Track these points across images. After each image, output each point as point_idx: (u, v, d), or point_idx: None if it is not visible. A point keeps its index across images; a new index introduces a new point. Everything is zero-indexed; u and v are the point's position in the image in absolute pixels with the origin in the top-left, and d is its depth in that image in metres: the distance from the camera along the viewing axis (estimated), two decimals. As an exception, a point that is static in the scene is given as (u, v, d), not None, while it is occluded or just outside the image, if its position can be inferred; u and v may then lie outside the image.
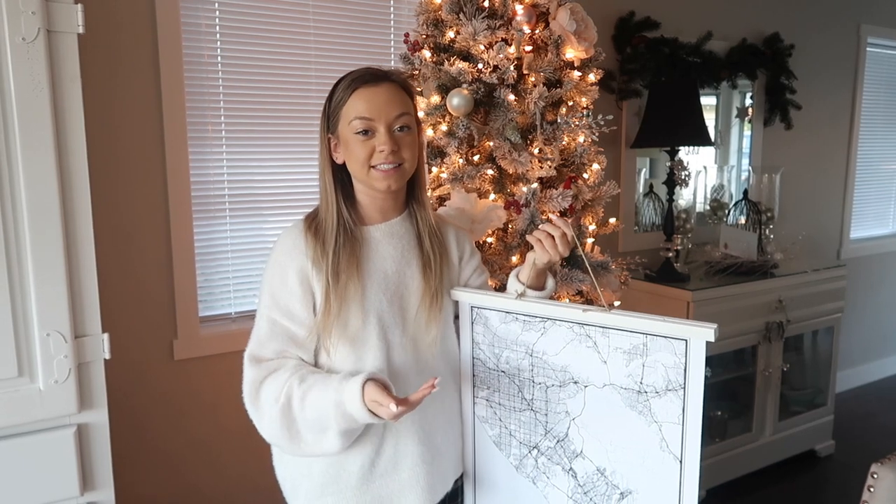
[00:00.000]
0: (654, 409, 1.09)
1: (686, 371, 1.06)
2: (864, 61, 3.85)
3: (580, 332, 1.16)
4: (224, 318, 2.22)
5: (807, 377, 3.26)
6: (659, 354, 1.08)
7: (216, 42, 2.11)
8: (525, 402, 1.24)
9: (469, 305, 1.29)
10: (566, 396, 1.19)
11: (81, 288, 1.29)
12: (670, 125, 2.66)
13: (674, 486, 1.09)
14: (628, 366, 1.11)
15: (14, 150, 1.20)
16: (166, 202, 2.04)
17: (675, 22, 2.97)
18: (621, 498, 1.15)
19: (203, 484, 2.19)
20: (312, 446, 1.17)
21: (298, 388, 1.14)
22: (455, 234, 1.36)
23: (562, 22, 1.73)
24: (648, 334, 1.09)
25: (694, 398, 1.05)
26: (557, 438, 1.21)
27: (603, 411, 1.15)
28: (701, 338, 1.04)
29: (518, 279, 1.28)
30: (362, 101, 1.18)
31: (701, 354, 1.05)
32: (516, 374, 1.24)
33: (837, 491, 2.93)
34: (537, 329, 1.21)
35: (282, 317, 1.19)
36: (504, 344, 1.25)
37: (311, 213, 1.26)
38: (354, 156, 1.19)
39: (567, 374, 1.18)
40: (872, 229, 4.19)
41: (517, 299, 1.24)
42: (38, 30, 1.19)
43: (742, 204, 3.15)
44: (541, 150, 1.72)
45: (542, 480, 1.24)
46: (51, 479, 1.29)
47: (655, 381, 1.09)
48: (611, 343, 1.13)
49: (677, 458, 1.08)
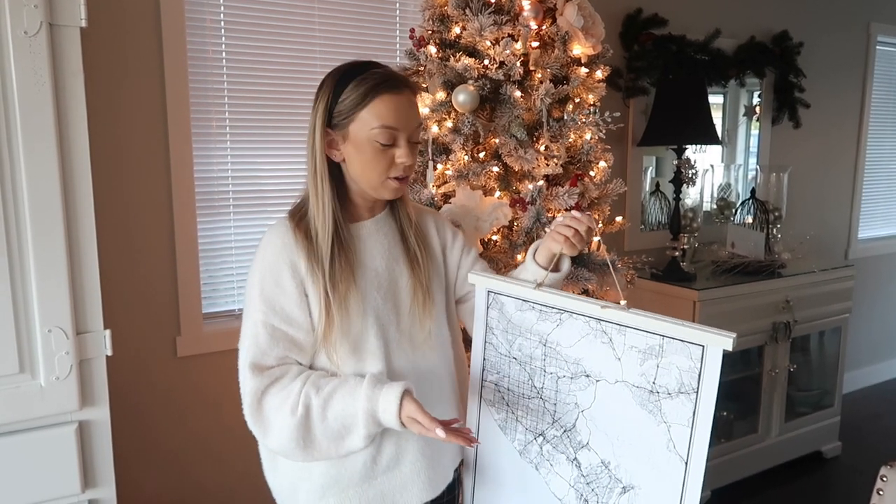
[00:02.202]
0: (665, 409, 1.09)
1: (700, 376, 1.06)
2: (873, 60, 3.82)
3: (596, 327, 1.16)
4: (227, 314, 2.21)
5: (813, 378, 3.23)
6: (674, 357, 1.08)
7: (221, 38, 2.10)
8: (535, 389, 1.24)
9: (486, 290, 1.28)
10: (577, 388, 1.19)
11: (83, 284, 1.29)
12: (677, 123, 2.64)
13: (677, 486, 1.09)
14: (642, 365, 1.11)
15: (16, 146, 1.19)
16: (170, 198, 2.03)
17: (683, 19, 2.95)
18: (623, 492, 1.15)
19: (206, 480, 2.19)
20: (325, 452, 1.15)
21: (317, 398, 1.12)
22: (434, 223, 1.34)
23: (569, 18, 1.71)
24: (665, 336, 1.08)
25: (706, 403, 1.05)
26: (564, 428, 1.21)
27: (613, 406, 1.15)
28: (718, 345, 1.04)
29: (536, 262, 1.25)
30: (390, 109, 1.13)
31: (717, 361, 1.04)
32: (528, 361, 1.24)
33: (843, 493, 2.91)
34: (553, 320, 1.20)
35: (281, 322, 1.16)
36: (518, 331, 1.24)
37: (294, 209, 1.22)
38: (371, 164, 1.15)
39: (580, 366, 1.18)
40: (881, 229, 4.15)
41: (536, 289, 1.22)
42: (41, 23, 1.18)
43: (749, 203, 3.12)
44: (547, 147, 1.71)
45: (545, 467, 1.25)
46: (51, 476, 1.28)
47: (668, 382, 1.08)
48: (626, 341, 1.12)
49: (683, 459, 1.08)
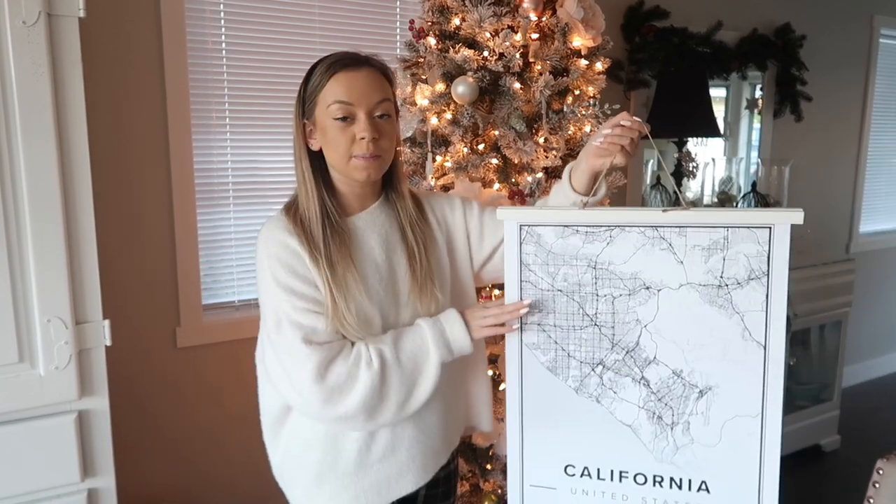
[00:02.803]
0: (736, 300, 1.11)
1: (770, 258, 1.08)
2: (876, 53, 3.80)
3: (653, 235, 1.14)
4: (227, 305, 2.22)
5: (813, 372, 3.23)
6: (741, 245, 1.09)
7: (220, 28, 2.10)
8: (587, 318, 1.20)
9: (517, 224, 1.20)
10: (636, 304, 1.17)
11: (82, 274, 1.29)
12: (679, 116, 2.63)
13: (758, 374, 1.12)
14: (707, 262, 1.12)
15: (14, 136, 1.19)
16: (170, 190, 2.03)
17: (685, 11, 2.93)
18: (700, 396, 1.16)
19: (207, 469, 2.20)
20: (395, 404, 1.14)
21: (386, 346, 1.14)
22: (430, 207, 1.31)
23: (569, 9, 1.70)
24: (730, 227, 1.10)
25: (779, 285, 1.08)
26: (626, 349, 1.19)
27: (679, 312, 1.15)
28: (786, 222, 1.07)
29: (573, 188, 1.21)
30: (342, 85, 1.14)
31: (785, 239, 1.07)
32: (576, 290, 1.19)
33: (842, 486, 2.92)
34: (602, 239, 1.17)
35: (307, 303, 1.14)
36: (562, 260, 1.19)
37: (288, 203, 1.22)
38: (333, 143, 1.15)
39: (637, 280, 1.16)
40: (882, 223, 4.14)
41: (582, 209, 1.18)
42: (39, 13, 1.18)
43: (750, 196, 3.11)
44: (546, 139, 1.70)
45: (607, 397, 1.21)
46: (51, 465, 1.29)
47: (737, 272, 1.10)
48: (688, 241, 1.12)
49: (761, 344, 1.11)
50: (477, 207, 1.33)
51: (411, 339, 1.16)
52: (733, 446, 1.16)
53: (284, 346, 1.13)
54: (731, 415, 1.15)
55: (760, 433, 1.16)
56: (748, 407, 1.15)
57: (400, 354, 1.14)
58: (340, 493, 1.21)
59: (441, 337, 1.16)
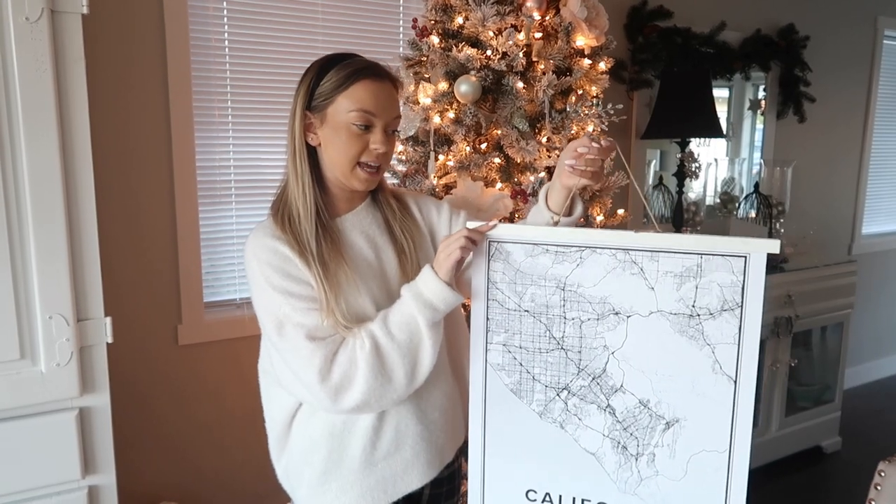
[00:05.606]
0: (707, 331, 1.07)
1: (745, 289, 1.04)
2: (880, 54, 3.79)
3: (624, 258, 1.10)
4: (229, 303, 2.22)
5: (815, 373, 3.23)
6: (715, 274, 1.06)
7: (223, 26, 2.10)
8: (554, 341, 1.17)
9: (486, 240, 1.16)
10: (604, 329, 1.14)
11: (84, 271, 1.29)
12: (681, 116, 2.63)
13: (727, 409, 1.08)
14: (679, 289, 1.08)
15: (17, 132, 1.19)
16: (172, 187, 2.03)
17: (689, 11, 2.93)
18: (666, 428, 1.12)
19: (207, 467, 2.20)
20: (404, 377, 1.13)
21: (375, 324, 1.14)
22: (416, 204, 1.33)
23: (573, 9, 1.70)
24: (704, 254, 1.06)
25: (752, 316, 1.04)
26: (593, 375, 1.16)
27: (648, 341, 1.11)
28: (763, 251, 1.02)
29: (549, 207, 1.20)
30: (369, 93, 1.15)
31: (761, 269, 1.03)
32: (543, 311, 1.17)
33: (843, 488, 2.91)
34: (572, 260, 1.14)
35: (304, 302, 1.14)
36: (529, 280, 1.16)
37: (275, 201, 1.22)
38: (343, 147, 1.16)
39: (607, 305, 1.13)
40: (885, 225, 4.14)
41: (555, 227, 1.16)
42: (42, 10, 1.18)
43: (753, 197, 3.11)
44: (549, 139, 1.70)
45: (571, 423, 1.18)
46: (52, 461, 1.29)
47: (709, 302, 1.06)
48: (660, 267, 1.09)
49: (731, 378, 1.07)
50: (464, 217, 1.33)
51: (398, 310, 1.15)
52: (699, 481, 1.12)
53: (289, 347, 1.13)
54: (698, 449, 1.11)
55: (727, 469, 1.11)
56: (715, 442, 1.10)
57: (391, 328, 1.13)
58: (346, 490, 1.21)
59: (420, 297, 1.13)
